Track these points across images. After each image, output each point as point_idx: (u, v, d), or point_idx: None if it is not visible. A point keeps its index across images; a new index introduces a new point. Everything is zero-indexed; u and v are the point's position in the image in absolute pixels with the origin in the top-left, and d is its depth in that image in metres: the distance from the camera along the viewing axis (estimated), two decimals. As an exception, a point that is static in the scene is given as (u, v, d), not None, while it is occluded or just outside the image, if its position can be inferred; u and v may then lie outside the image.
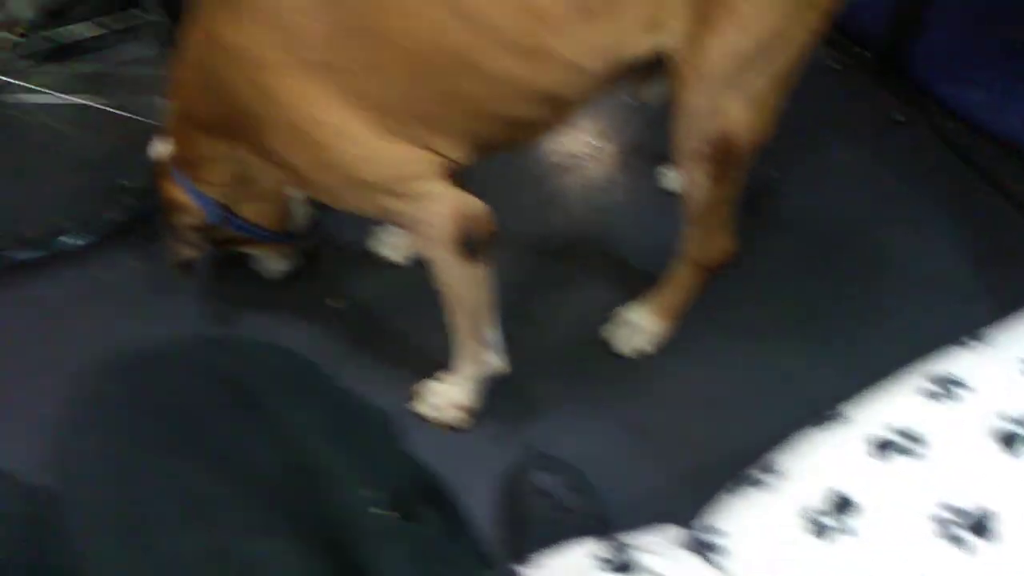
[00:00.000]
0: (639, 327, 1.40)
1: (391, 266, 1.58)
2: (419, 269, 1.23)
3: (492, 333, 1.28)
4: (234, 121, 1.09)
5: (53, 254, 1.60)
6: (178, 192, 1.25)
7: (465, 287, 1.18)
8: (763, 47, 1.04)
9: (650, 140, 1.78)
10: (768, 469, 0.57)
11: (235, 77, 1.03)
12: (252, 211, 1.30)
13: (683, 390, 1.38)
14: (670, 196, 1.55)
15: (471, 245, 1.11)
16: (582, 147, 1.80)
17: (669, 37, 1.06)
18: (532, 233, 1.62)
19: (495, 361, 1.32)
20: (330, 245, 1.61)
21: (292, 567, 0.56)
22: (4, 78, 1.68)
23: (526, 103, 1.07)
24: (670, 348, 1.41)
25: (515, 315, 1.37)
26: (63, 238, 1.61)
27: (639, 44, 1.06)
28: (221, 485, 0.58)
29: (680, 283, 1.35)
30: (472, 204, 1.10)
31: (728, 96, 1.08)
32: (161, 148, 1.25)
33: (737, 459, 0.64)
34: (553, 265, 1.58)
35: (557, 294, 1.53)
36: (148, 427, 0.61)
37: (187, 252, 1.30)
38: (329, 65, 0.99)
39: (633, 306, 1.42)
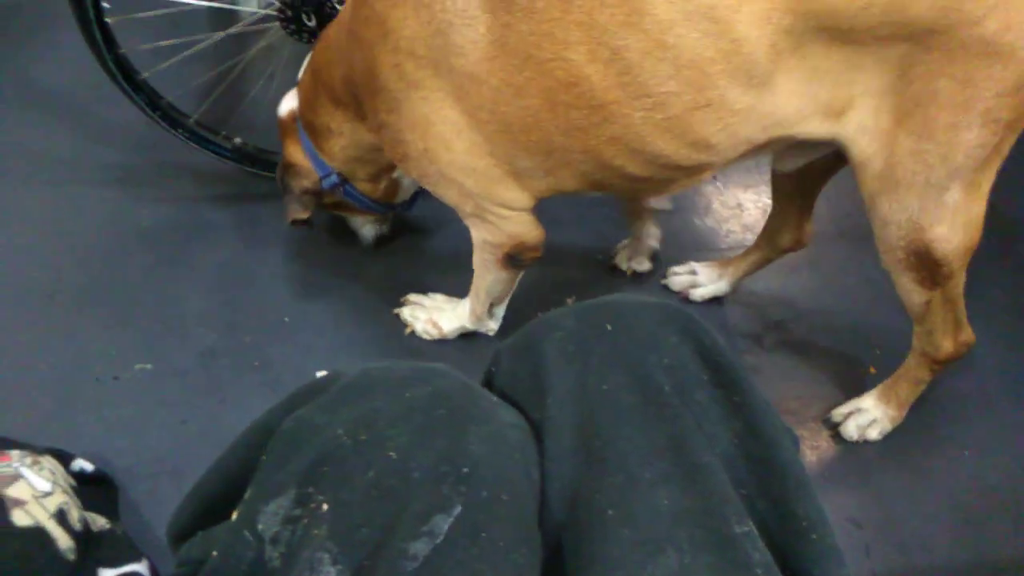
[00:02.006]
0: (871, 415, 1.37)
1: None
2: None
3: (500, 310, 1.44)
4: (363, 95, 1.14)
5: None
6: (300, 155, 1.30)
7: (494, 282, 1.31)
8: (961, 150, 0.98)
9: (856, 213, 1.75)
10: None
11: (380, 56, 1.07)
12: (367, 185, 1.37)
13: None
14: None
15: (516, 261, 1.25)
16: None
17: (852, 129, 1.01)
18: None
19: (492, 325, 1.46)
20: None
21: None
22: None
23: (656, 167, 1.06)
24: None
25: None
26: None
27: (809, 127, 1.02)
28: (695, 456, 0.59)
29: (910, 375, 1.32)
30: (533, 235, 1.21)
31: (925, 206, 1.02)
32: (289, 104, 1.29)
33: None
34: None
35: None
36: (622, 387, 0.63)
37: (299, 211, 1.35)
38: (472, 76, 1.02)
39: (868, 395, 1.39)
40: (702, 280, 1.56)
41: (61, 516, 1.04)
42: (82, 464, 1.17)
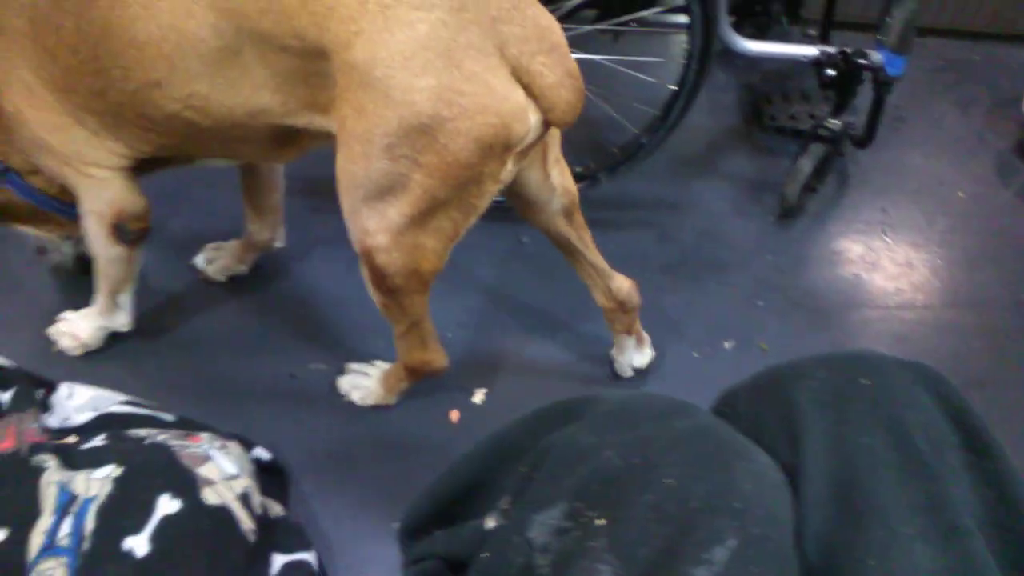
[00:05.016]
0: (369, 384, 1.41)
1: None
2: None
3: (125, 299, 1.42)
4: None
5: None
6: None
7: (109, 262, 1.34)
8: (376, 177, 1.01)
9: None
10: None
11: None
12: (37, 178, 1.33)
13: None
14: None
15: (124, 233, 1.28)
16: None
17: (336, 125, 1.04)
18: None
19: (122, 319, 1.44)
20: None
21: None
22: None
23: (170, 121, 1.11)
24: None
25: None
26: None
27: (299, 119, 1.09)
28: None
29: (395, 369, 1.37)
30: (132, 202, 1.26)
31: (369, 215, 1.06)
32: None
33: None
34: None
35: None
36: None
37: None
38: (34, 36, 1.10)
39: (378, 367, 1.43)
40: None
41: (245, 499, 1.11)
42: (261, 452, 1.24)
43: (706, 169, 1.97)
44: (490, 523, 0.71)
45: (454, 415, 1.41)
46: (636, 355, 1.48)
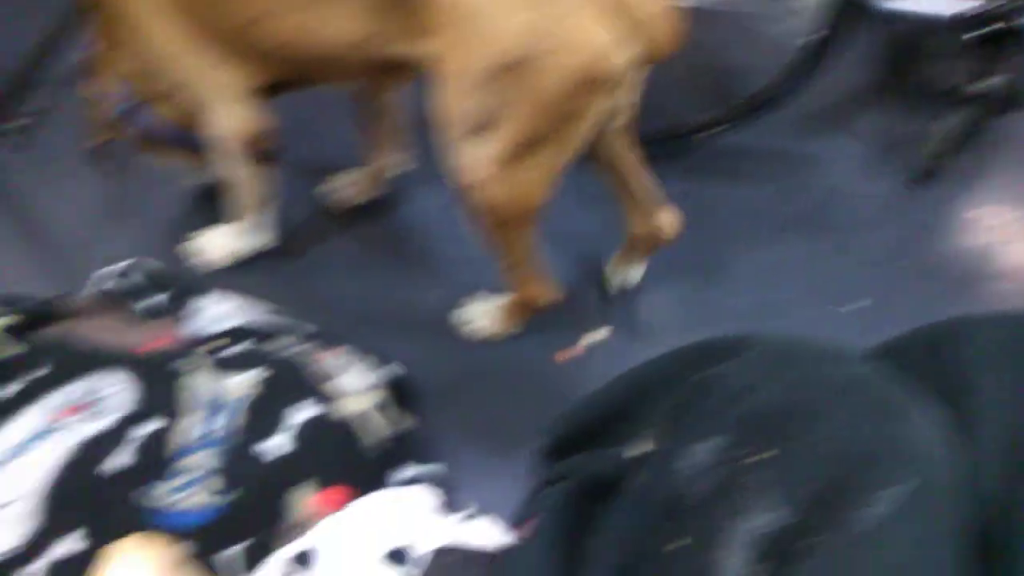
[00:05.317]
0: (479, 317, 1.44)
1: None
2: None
3: (264, 217, 1.50)
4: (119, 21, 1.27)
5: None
6: (99, 83, 1.41)
7: (243, 180, 1.40)
8: (471, 110, 1.04)
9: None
10: None
11: None
12: (167, 108, 1.40)
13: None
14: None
15: (253, 151, 1.35)
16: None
17: (432, 52, 1.08)
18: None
19: (264, 236, 1.52)
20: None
21: None
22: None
23: (284, 48, 1.17)
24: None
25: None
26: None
27: (397, 48, 1.11)
28: None
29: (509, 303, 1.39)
30: (257, 122, 1.32)
31: (461, 148, 1.09)
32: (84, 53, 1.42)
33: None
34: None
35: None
36: None
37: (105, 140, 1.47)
38: None
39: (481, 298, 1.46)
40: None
41: (381, 408, 1.18)
42: (395, 367, 1.31)
43: (835, 126, 1.91)
44: (634, 451, 0.74)
45: (574, 351, 1.44)
46: (633, 272, 1.50)
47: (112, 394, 1.14)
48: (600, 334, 1.46)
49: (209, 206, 1.60)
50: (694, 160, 1.75)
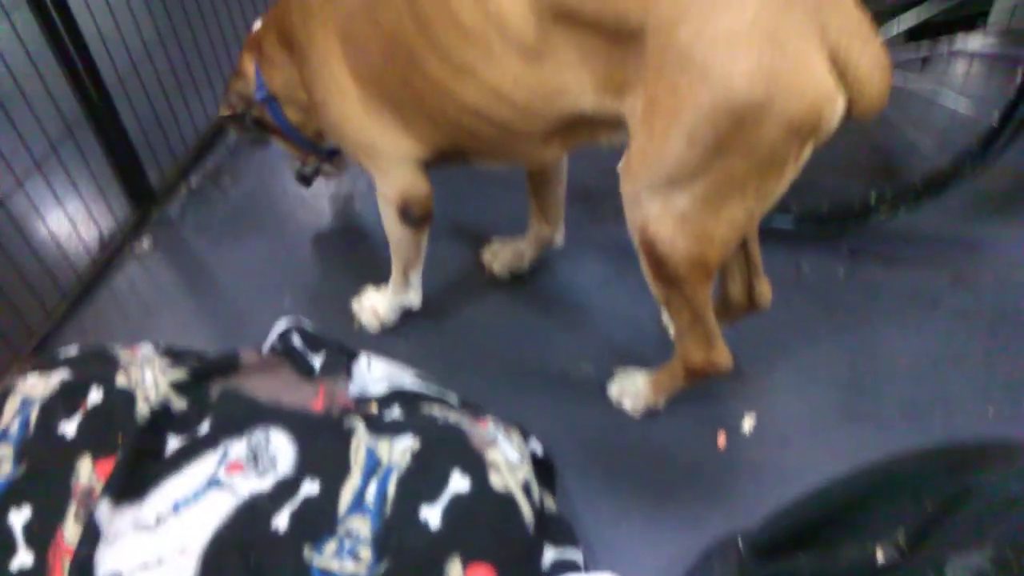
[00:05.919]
0: (637, 386, 1.42)
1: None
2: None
3: (415, 278, 1.55)
4: (292, 42, 1.36)
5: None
6: (250, 67, 1.49)
7: (398, 242, 1.46)
8: (670, 159, 1.01)
9: None
10: None
11: (294, 12, 1.32)
12: (293, 114, 1.50)
13: None
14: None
15: (409, 216, 1.39)
16: None
17: (627, 108, 1.05)
18: None
19: (413, 297, 1.57)
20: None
21: None
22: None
23: (479, 121, 1.18)
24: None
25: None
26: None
27: (588, 101, 1.09)
28: None
29: (670, 368, 1.35)
30: (417, 188, 1.36)
31: (651, 201, 1.06)
32: (256, 25, 1.50)
33: None
34: None
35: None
36: None
37: (225, 108, 1.53)
38: (345, 31, 1.24)
39: (645, 371, 1.42)
40: None
41: (527, 488, 1.16)
42: (535, 444, 1.29)
43: (1013, 211, 1.78)
44: (880, 555, 0.71)
45: (721, 438, 1.38)
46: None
47: (274, 453, 1.17)
48: (748, 421, 1.39)
49: (365, 263, 1.67)
50: (856, 241, 1.68)
